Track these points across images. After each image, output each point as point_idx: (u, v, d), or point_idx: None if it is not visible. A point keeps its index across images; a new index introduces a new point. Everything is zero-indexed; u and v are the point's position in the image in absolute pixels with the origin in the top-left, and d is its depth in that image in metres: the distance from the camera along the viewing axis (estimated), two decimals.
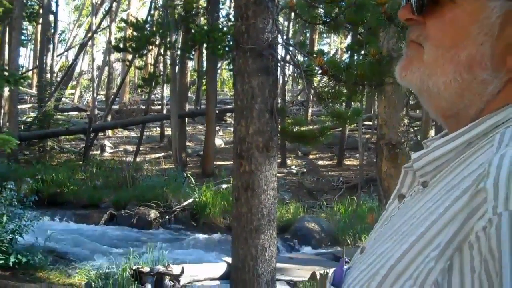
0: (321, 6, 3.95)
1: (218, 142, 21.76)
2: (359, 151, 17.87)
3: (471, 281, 0.63)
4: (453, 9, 0.77)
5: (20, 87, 20.57)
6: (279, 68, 4.34)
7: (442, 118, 0.84)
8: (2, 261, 7.47)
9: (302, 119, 5.25)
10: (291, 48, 4.17)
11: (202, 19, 20.82)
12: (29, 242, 8.29)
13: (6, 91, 19.31)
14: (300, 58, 5.06)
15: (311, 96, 4.49)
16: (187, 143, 21.08)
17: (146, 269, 6.99)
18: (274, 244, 4.32)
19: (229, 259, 6.99)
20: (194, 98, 29.31)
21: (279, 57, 4.25)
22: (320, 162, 21.06)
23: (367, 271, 0.76)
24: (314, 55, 3.96)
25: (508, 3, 0.74)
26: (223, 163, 19.24)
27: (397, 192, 0.89)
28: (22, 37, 25.92)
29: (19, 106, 21.39)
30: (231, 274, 4.52)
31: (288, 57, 4.91)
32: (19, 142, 6.13)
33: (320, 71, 3.56)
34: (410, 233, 0.72)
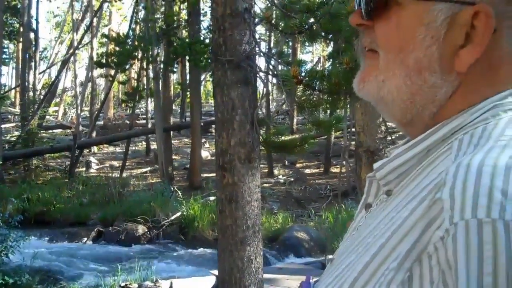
0: (297, 16, 3.97)
1: (205, 154, 21.71)
2: (343, 158, 17.94)
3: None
4: (399, 12, 0.76)
5: (3, 106, 20.42)
6: (258, 79, 4.35)
7: (400, 126, 0.83)
8: None
9: (284, 128, 5.27)
10: (268, 59, 4.19)
11: (183, 31, 20.85)
12: (16, 262, 8.21)
13: None
14: (280, 68, 5.08)
15: (294, 106, 4.50)
16: (174, 157, 21.02)
17: (135, 285, 6.94)
18: (260, 255, 4.31)
19: (217, 272, 6.96)
20: (179, 111, 29.27)
21: (258, 68, 4.26)
22: (307, 171, 21.09)
23: (333, 284, 0.75)
24: (292, 65, 3.99)
25: (454, 6, 0.74)
26: (210, 175, 19.18)
27: (364, 202, 0.88)
28: (3, 56, 25.81)
29: (3, 126, 21.23)
30: (218, 286, 4.50)
31: (266, 68, 4.93)
32: (2, 162, 6.09)
33: (295, 81, 3.57)
34: (372, 245, 0.71)
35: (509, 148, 0.65)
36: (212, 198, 14.44)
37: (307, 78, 3.50)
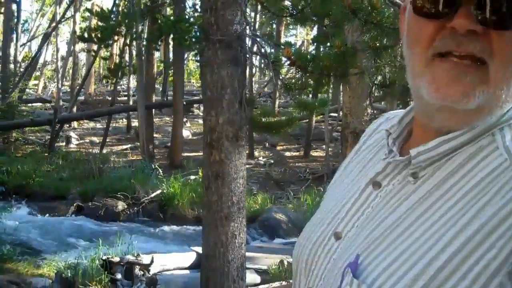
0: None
1: (186, 133, 21.73)
2: (325, 141, 18.10)
3: None
4: None
5: None
6: (248, 59, 4.43)
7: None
8: None
9: (271, 109, 5.34)
10: (258, 40, 4.26)
11: (168, 9, 20.73)
12: None
13: None
14: (267, 49, 5.16)
15: (279, 87, 4.59)
16: (155, 135, 20.99)
17: (116, 259, 7.02)
18: (244, 231, 4.43)
19: (198, 249, 7.07)
20: (161, 89, 29.16)
21: (248, 48, 4.34)
22: (287, 154, 21.23)
23: (399, 268, 0.72)
24: (282, 47, 4.07)
25: None
26: (191, 154, 19.25)
27: (369, 180, 0.86)
28: None
29: None
30: (202, 261, 4.61)
31: (255, 49, 5.01)
32: None
33: (288, 62, 3.66)
34: (446, 232, 0.70)
35: None
36: (192, 177, 14.51)
37: (298, 59, 3.59)
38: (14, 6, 24.08)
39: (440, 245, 0.69)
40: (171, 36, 16.66)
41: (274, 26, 24.34)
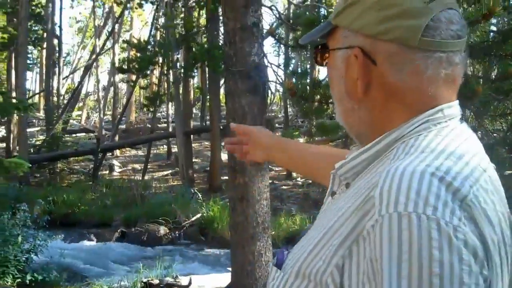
0: (301, 29, 4.32)
1: (224, 157, 22.00)
2: None
3: (364, 264, 0.80)
4: (329, 61, 1.04)
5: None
6: (267, 87, 4.70)
7: (354, 138, 1.05)
8: (19, 279, 7.84)
9: (293, 132, 5.55)
10: (274, 69, 4.53)
11: (202, 37, 21.25)
12: (44, 261, 8.66)
13: (15, 115, 19.75)
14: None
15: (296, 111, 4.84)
16: (194, 160, 21.39)
17: (156, 281, 7.32)
18: (270, 250, 4.65)
19: None
20: (199, 114, 29.69)
21: (266, 77, 4.61)
22: None
23: (297, 253, 0.95)
24: (297, 76, 4.34)
25: (346, 51, 0.96)
26: None
27: (329, 190, 1.06)
28: (28, 61, 26.46)
29: (28, 130, 21.87)
30: (231, 279, 4.86)
31: (276, 77, 5.27)
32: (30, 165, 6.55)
33: (290, 93, 3.92)
34: (325, 226, 0.91)
35: (428, 158, 0.82)
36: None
37: (299, 89, 3.84)
38: (55, 41, 25.03)
39: (318, 236, 0.91)
40: (206, 63, 17.13)
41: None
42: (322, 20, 4.62)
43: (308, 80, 4.51)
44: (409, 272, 0.73)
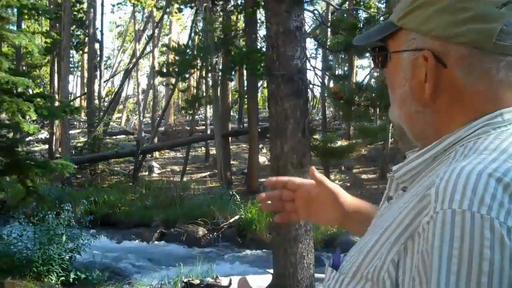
0: (343, 33, 4.35)
1: (262, 159, 22.10)
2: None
3: (416, 259, 0.81)
4: (389, 62, 1.03)
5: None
6: (309, 90, 4.74)
7: (413, 140, 1.05)
8: (63, 278, 8.05)
9: (334, 136, 5.57)
10: (318, 72, 4.57)
11: (241, 40, 21.39)
12: (87, 259, 8.87)
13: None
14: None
15: (339, 115, 4.87)
16: (232, 162, 21.51)
17: (196, 281, 7.42)
18: (312, 252, 4.69)
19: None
20: (237, 117, 29.85)
21: (308, 81, 4.65)
22: (364, 176, 21.17)
23: (354, 255, 0.96)
24: (340, 80, 4.37)
25: (414, 53, 0.97)
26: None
27: (386, 195, 1.07)
28: (69, 65, 27.05)
29: (70, 132, 22.33)
30: (273, 280, 4.91)
31: (318, 80, 5.32)
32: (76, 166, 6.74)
33: (334, 97, 3.95)
34: (383, 226, 0.91)
35: (487, 160, 0.82)
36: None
37: (344, 93, 3.88)
38: (96, 45, 25.53)
39: (376, 236, 0.92)
40: (244, 66, 17.24)
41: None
42: (363, 24, 4.65)
43: (347, 83, 4.54)
44: (458, 268, 0.74)
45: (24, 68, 24.57)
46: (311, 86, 4.80)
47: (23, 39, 4.74)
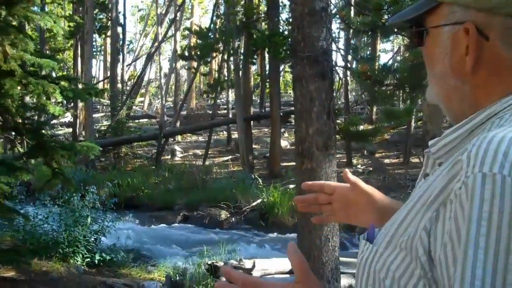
0: (370, 14, 4.29)
1: (284, 143, 22.11)
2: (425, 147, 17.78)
3: (448, 224, 0.81)
4: (427, 39, 1.01)
5: (94, 98, 21.57)
6: (334, 72, 4.69)
7: (450, 118, 1.05)
8: (88, 259, 8.15)
9: (358, 119, 5.53)
10: (343, 53, 4.52)
11: (263, 24, 21.30)
12: (111, 242, 8.97)
13: (80, 101, 20.38)
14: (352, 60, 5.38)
15: (364, 97, 4.83)
16: (254, 146, 21.55)
17: (220, 263, 7.46)
18: (337, 235, 4.67)
19: None
20: (258, 101, 29.83)
21: (334, 62, 4.60)
22: (386, 161, 21.03)
23: (388, 227, 0.97)
24: (365, 60, 4.32)
25: (454, 27, 0.95)
26: (289, 164, 19.58)
27: (423, 172, 1.06)
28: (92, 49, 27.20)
29: (93, 115, 22.53)
30: None
31: (344, 61, 5.26)
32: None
33: (364, 78, 3.90)
34: (416, 195, 0.92)
35: None
36: (291, 186, 14.83)
37: (375, 74, 3.83)
38: (119, 29, 25.61)
39: (404, 211, 0.93)
40: (266, 49, 17.18)
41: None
42: (389, 4, 4.57)
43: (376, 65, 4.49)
44: (487, 231, 0.74)
45: (47, 52, 24.74)
46: (336, 68, 4.75)
47: (48, 21, 4.75)
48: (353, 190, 1.35)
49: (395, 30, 4.21)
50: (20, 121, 5.37)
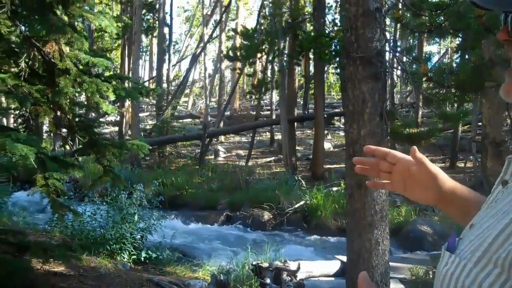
0: (426, 15, 4.21)
1: (327, 145, 21.99)
2: (472, 152, 17.42)
3: None
4: None
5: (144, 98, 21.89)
6: (387, 73, 4.63)
7: None
8: (135, 256, 8.25)
9: (411, 121, 5.43)
10: (398, 55, 4.44)
11: (308, 25, 21.22)
12: (157, 240, 9.06)
13: (127, 101, 20.72)
14: (407, 63, 5.29)
15: (420, 99, 4.74)
16: (297, 147, 21.49)
17: (266, 264, 7.44)
18: (387, 239, 4.60)
19: (343, 258, 7.31)
20: (302, 102, 29.74)
21: (388, 63, 4.54)
22: None
23: (476, 240, 0.89)
24: (421, 62, 4.24)
25: None
26: (332, 166, 19.49)
27: (500, 179, 0.98)
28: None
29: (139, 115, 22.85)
30: (347, 266, 4.85)
31: (395, 63, 5.18)
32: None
33: (424, 78, 3.82)
34: (509, 213, 0.86)
35: None
36: (334, 188, 14.72)
37: (434, 75, 3.75)
38: (166, 29, 25.91)
39: (501, 223, 0.86)
40: (312, 50, 17.11)
41: (416, 35, 23.89)
42: (450, 3, 4.47)
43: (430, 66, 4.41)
44: None
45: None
46: (392, 69, 4.68)
47: (103, 21, 4.83)
48: (418, 166, 1.30)
49: (450, 31, 4.13)
50: (72, 118, 5.46)
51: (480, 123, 20.90)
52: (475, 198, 1.30)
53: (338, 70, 19.36)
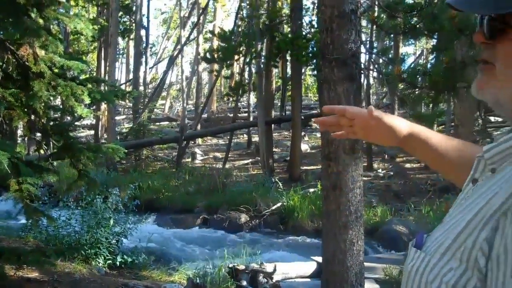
0: (401, 16, 4.24)
1: (304, 147, 22.04)
2: None
3: (510, 234, 0.81)
4: (506, 36, 0.93)
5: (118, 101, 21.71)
6: (362, 75, 4.65)
7: None
8: (110, 261, 8.16)
9: None
10: (374, 56, 4.47)
11: (286, 27, 21.27)
12: (133, 244, 8.97)
13: (103, 104, 20.53)
14: (382, 62, 5.33)
15: (395, 100, 4.77)
16: (274, 149, 21.51)
17: (242, 266, 7.43)
18: (362, 239, 4.62)
19: (318, 259, 7.32)
20: (279, 104, 29.80)
21: (363, 65, 4.56)
22: (407, 165, 20.85)
23: (441, 237, 0.95)
24: (395, 63, 4.27)
25: None
26: (309, 167, 19.54)
27: (470, 177, 1.03)
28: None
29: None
30: (322, 266, 4.86)
31: (371, 65, 5.21)
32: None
33: (398, 80, 3.86)
34: (476, 207, 0.90)
35: None
36: (311, 190, 14.76)
37: (408, 76, 3.78)
38: (142, 32, 25.75)
39: (467, 216, 0.91)
40: (289, 52, 17.15)
41: (392, 36, 24.09)
42: (424, 5, 4.51)
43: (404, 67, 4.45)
44: None
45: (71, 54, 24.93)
46: (366, 70, 4.70)
47: (78, 23, 4.78)
48: (375, 122, 1.41)
49: (425, 33, 4.17)
50: (47, 122, 5.39)
51: (452, 124, 21.19)
52: (442, 142, 1.41)
53: (315, 72, 19.43)
